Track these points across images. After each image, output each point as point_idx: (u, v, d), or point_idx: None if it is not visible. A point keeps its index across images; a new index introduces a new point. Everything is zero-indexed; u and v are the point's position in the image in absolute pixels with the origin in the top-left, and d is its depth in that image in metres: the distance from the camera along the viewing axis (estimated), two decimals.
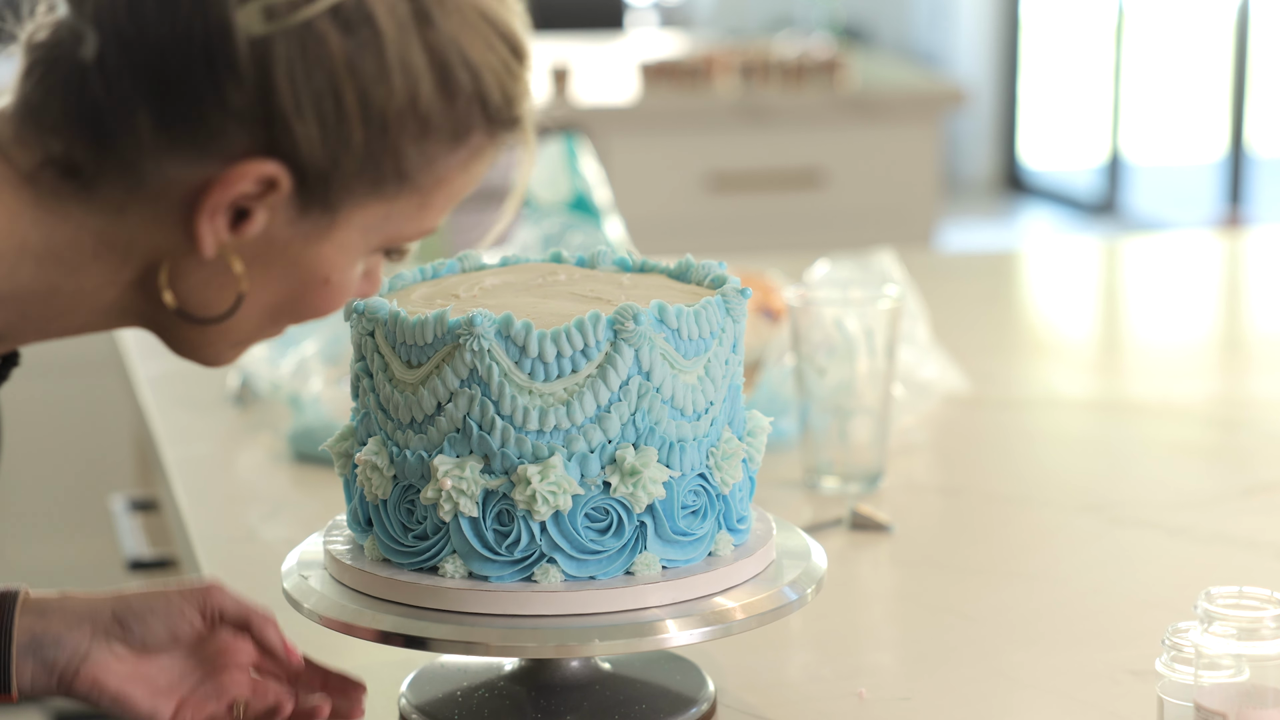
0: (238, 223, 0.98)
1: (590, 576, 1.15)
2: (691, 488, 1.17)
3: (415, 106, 0.98)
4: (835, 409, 1.70)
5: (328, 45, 0.95)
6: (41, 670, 1.14)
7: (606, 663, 1.26)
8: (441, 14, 0.98)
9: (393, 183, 1.00)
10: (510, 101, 1.02)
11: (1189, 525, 1.64)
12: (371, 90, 0.96)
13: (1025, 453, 1.92)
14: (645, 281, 1.25)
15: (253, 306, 1.03)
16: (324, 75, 0.95)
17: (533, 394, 1.13)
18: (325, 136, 0.96)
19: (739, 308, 1.19)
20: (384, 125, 0.97)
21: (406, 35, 0.96)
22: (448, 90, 0.98)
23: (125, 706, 1.15)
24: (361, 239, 1.02)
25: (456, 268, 1.29)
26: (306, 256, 1.01)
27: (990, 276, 2.78)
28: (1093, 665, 1.34)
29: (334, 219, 1.00)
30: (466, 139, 1.01)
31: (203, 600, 1.17)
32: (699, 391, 1.17)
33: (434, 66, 0.98)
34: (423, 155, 1.00)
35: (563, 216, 2.15)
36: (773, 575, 1.22)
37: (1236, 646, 1.17)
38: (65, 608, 1.15)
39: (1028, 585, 1.52)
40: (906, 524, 1.64)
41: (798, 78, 4.11)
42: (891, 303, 1.70)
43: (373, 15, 0.95)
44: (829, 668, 1.35)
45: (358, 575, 1.19)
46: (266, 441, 1.87)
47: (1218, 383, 2.17)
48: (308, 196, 0.98)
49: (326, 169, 0.97)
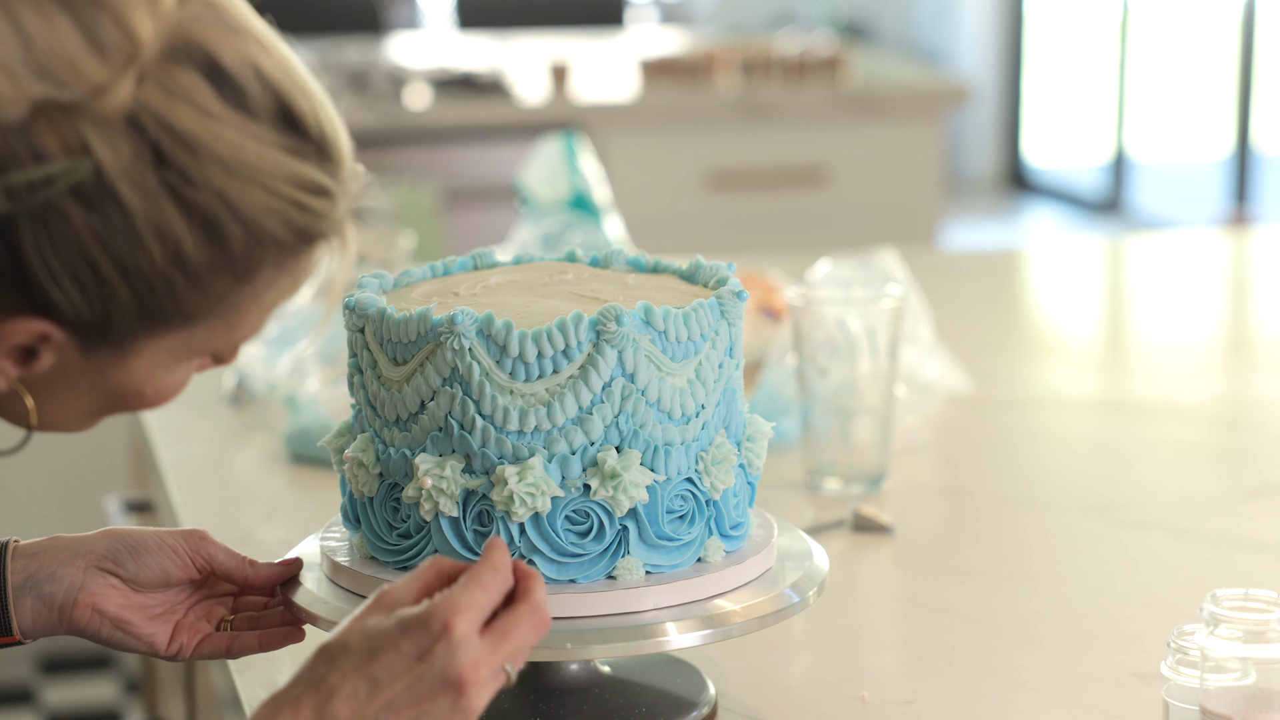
0: (27, 360, 0.98)
1: (571, 580, 1.15)
2: (678, 492, 1.17)
3: (181, 263, 0.96)
4: (837, 409, 1.70)
5: (71, 222, 0.93)
6: (41, 606, 1.16)
7: (606, 666, 1.26)
8: (201, 173, 0.95)
9: (180, 321, 0.98)
10: (303, 232, 0.99)
11: (1194, 527, 1.64)
12: (127, 257, 0.95)
13: (1029, 454, 1.92)
14: (653, 282, 1.24)
15: (70, 414, 1.03)
16: (73, 248, 0.94)
17: (514, 394, 1.14)
18: (88, 298, 0.95)
19: (735, 310, 1.19)
20: (149, 283, 0.96)
21: (156, 203, 0.94)
22: (217, 243, 0.96)
23: (125, 632, 1.18)
24: (170, 357, 1.01)
25: (469, 265, 1.29)
26: (110, 379, 1.01)
27: (994, 276, 2.78)
28: (1097, 668, 1.34)
29: (125, 352, 0.99)
30: (253, 276, 0.99)
31: (195, 546, 1.20)
32: (688, 395, 1.16)
33: (196, 225, 0.95)
34: (204, 297, 0.98)
35: (562, 215, 2.15)
36: (774, 577, 1.22)
37: (1242, 649, 1.17)
38: (57, 545, 1.18)
39: (1031, 587, 1.52)
40: (909, 525, 1.64)
41: (799, 75, 4.11)
42: (894, 302, 1.70)
43: (115, 191, 0.93)
44: (831, 670, 1.35)
45: (353, 576, 1.19)
46: (262, 442, 1.87)
47: (1223, 383, 2.17)
48: (88, 341, 0.97)
49: (99, 322, 0.96)
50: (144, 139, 0.94)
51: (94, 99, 0.92)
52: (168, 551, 1.19)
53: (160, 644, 1.19)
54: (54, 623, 1.17)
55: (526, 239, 2.15)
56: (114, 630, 1.18)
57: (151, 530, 1.21)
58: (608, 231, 2.15)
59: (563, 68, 4.04)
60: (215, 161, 0.95)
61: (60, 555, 1.18)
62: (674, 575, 1.17)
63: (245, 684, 1.32)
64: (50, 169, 0.92)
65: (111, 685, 3.58)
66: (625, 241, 2.19)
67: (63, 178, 0.92)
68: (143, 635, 1.18)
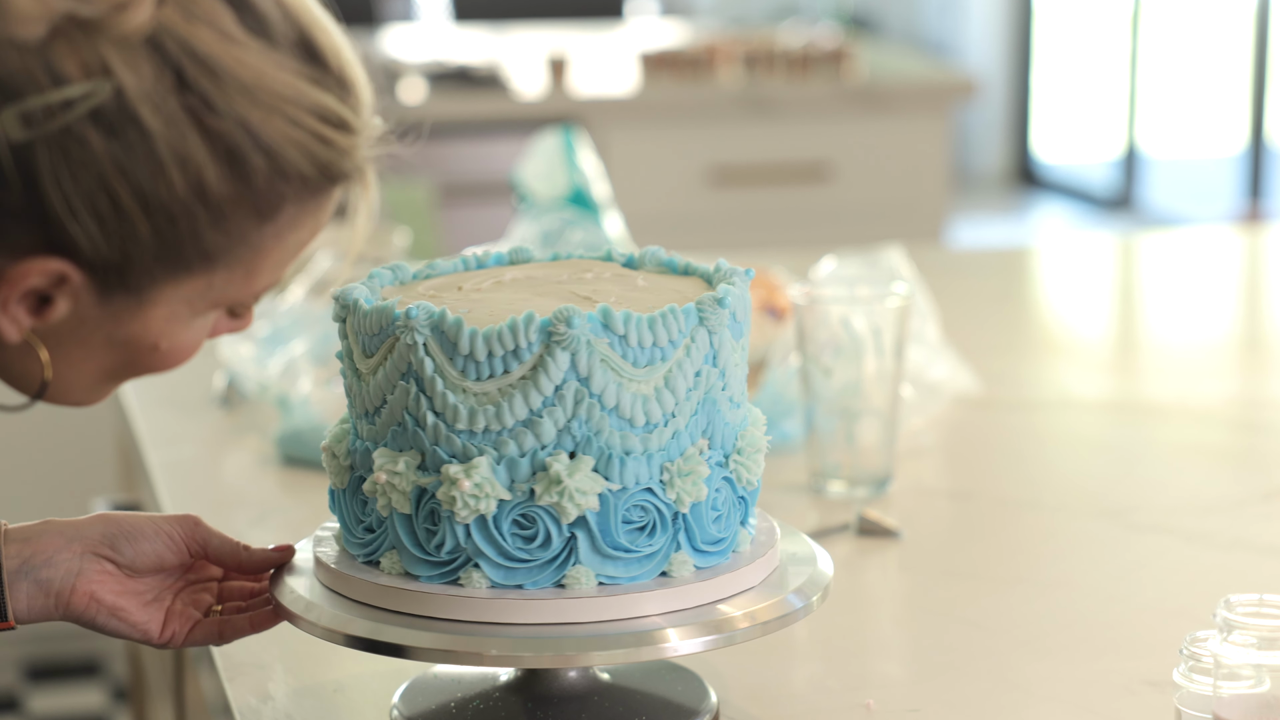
0: (41, 309, 0.98)
1: (518, 585, 1.15)
2: (637, 502, 1.15)
3: (203, 195, 0.96)
4: (842, 411, 1.70)
5: (91, 148, 0.93)
6: (37, 592, 1.17)
7: (605, 673, 1.26)
8: (223, 99, 0.95)
9: (200, 262, 0.98)
10: (326, 168, 0.99)
11: (1208, 531, 1.64)
12: (148, 187, 0.94)
13: (1038, 456, 1.92)
14: (670, 285, 1.23)
15: (83, 373, 1.03)
16: (92, 177, 0.93)
17: (465, 392, 1.14)
18: (106, 233, 0.95)
19: (715, 317, 1.17)
20: (170, 217, 0.95)
21: (179, 129, 0.94)
22: (239, 174, 0.96)
23: (120, 619, 1.19)
24: (186, 308, 1.01)
25: (504, 259, 1.30)
26: (125, 331, 1.00)
27: (1002, 273, 2.78)
28: (1108, 675, 1.34)
29: (143, 298, 0.99)
30: (275, 213, 0.99)
31: (189, 531, 1.22)
32: (653, 402, 1.15)
33: (218, 154, 0.95)
34: (225, 235, 0.98)
35: (560, 212, 2.15)
36: (777, 582, 1.21)
37: (1257, 656, 1.17)
38: (51, 530, 1.19)
39: (1041, 593, 1.52)
40: (915, 529, 1.64)
41: (803, 68, 4.11)
42: (900, 301, 1.70)
43: (137, 115, 0.93)
44: (835, 678, 1.35)
45: (334, 575, 1.19)
46: (254, 444, 1.87)
47: (1237, 383, 2.17)
48: (106, 285, 0.97)
49: (117, 261, 0.96)
50: (165, 61, 0.93)
51: (115, 15, 0.92)
52: (163, 537, 1.21)
53: (153, 632, 1.21)
54: (50, 609, 1.19)
55: (525, 236, 2.15)
56: (109, 618, 1.19)
57: (145, 515, 1.22)
58: (607, 229, 2.15)
59: (561, 61, 4.04)
60: (237, 87, 0.95)
61: (56, 540, 1.19)
62: (674, 580, 1.17)
63: (236, 691, 1.32)
64: (70, 92, 0.91)
65: (99, 693, 3.58)
66: (625, 238, 2.19)
67: (83, 101, 0.92)
68: (137, 623, 1.20)
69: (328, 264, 2.08)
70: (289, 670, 1.35)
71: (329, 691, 1.32)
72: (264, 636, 1.34)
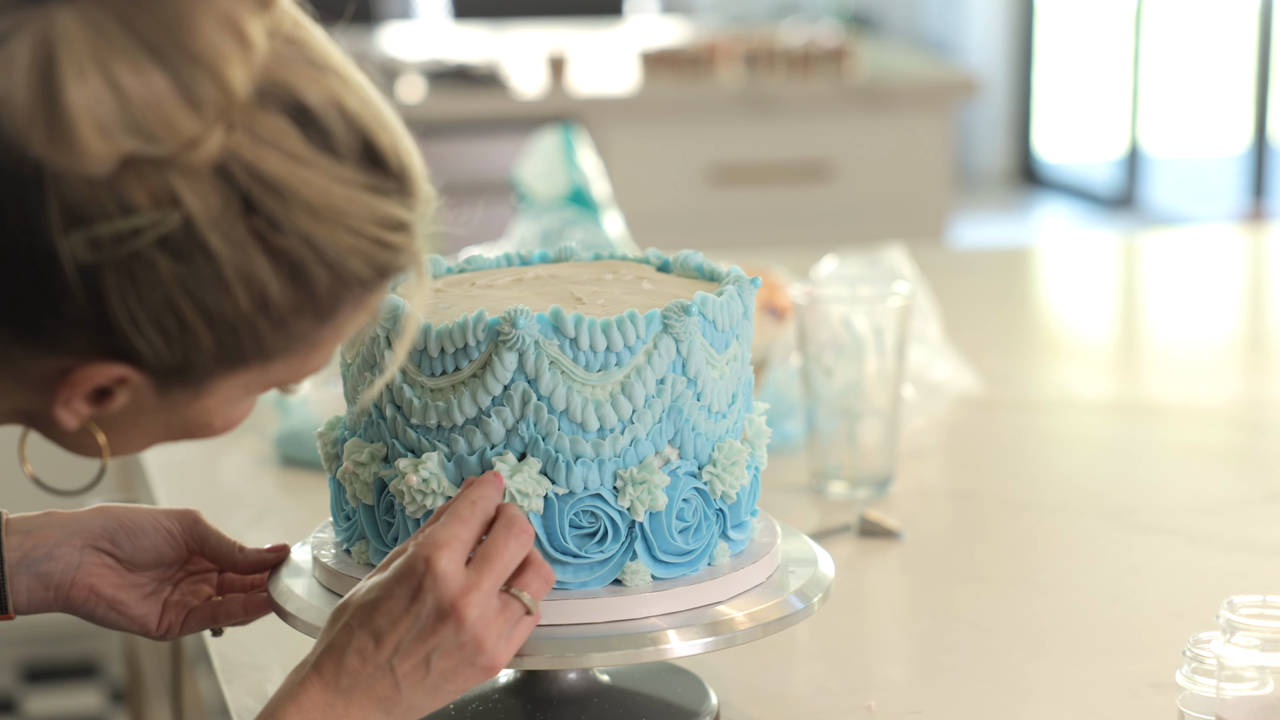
0: (100, 399, 0.99)
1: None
2: (585, 508, 1.15)
3: (265, 308, 0.97)
4: (843, 411, 1.70)
5: (158, 272, 0.93)
6: (38, 584, 1.20)
7: (605, 674, 1.26)
8: (289, 219, 0.95)
9: (258, 360, 0.99)
10: (384, 269, 1.00)
11: (1211, 532, 1.64)
12: (213, 305, 0.95)
13: (1040, 457, 1.92)
14: (678, 290, 1.23)
15: (136, 445, 1.05)
16: (158, 298, 0.94)
17: (420, 387, 1.16)
18: (170, 345, 0.96)
19: (680, 325, 1.15)
20: (233, 328, 0.97)
21: (244, 251, 0.95)
22: (303, 287, 0.97)
23: (119, 613, 1.22)
24: (243, 392, 1.02)
25: (548, 257, 1.30)
26: (181, 415, 1.02)
27: (1004, 273, 2.78)
28: (1111, 677, 1.34)
29: (201, 391, 1.00)
30: (334, 315, 1.00)
31: (188, 528, 1.25)
32: (608, 408, 1.14)
33: (282, 271, 0.96)
34: (286, 337, 0.99)
35: (560, 211, 2.15)
36: (778, 583, 1.21)
37: (1260, 658, 1.17)
38: (53, 523, 1.22)
39: (1043, 594, 1.52)
40: (917, 530, 1.64)
41: (804, 66, 4.11)
42: (901, 300, 1.70)
43: (205, 241, 0.94)
44: (836, 680, 1.35)
45: (330, 573, 1.20)
46: (251, 444, 1.87)
47: (1241, 384, 2.17)
48: (165, 383, 0.98)
49: (179, 366, 0.97)
50: (233, 188, 0.94)
51: (185, 152, 0.92)
52: (163, 532, 1.23)
53: (151, 625, 1.23)
54: (49, 601, 1.21)
55: (525, 236, 2.15)
56: (109, 611, 1.22)
57: (145, 509, 1.24)
58: (607, 228, 2.15)
59: (560, 59, 4.04)
60: (303, 207, 0.96)
61: (57, 533, 1.21)
62: (675, 581, 1.17)
63: (233, 693, 1.32)
64: (138, 221, 0.92)
65: (96, 694, 3.58)
66: (625, 238, 2.19)
67: (151, 229, 0.93)
68: (136, 616, 1.22)
69: None
70: (287, 671, 1.35)
71: None
72: (262, 638, 1.34)
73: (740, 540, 1.22)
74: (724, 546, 1.20)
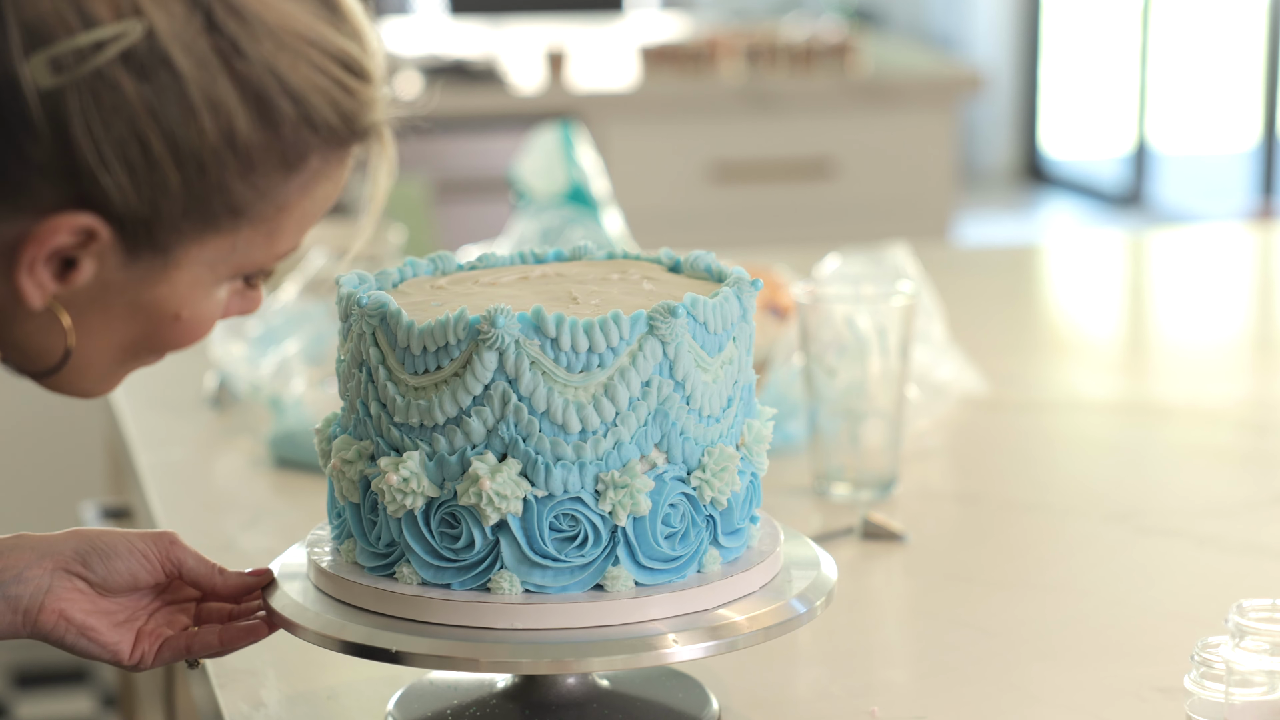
0: (65, 272, 0.98)
1: (446, 585, 1.16)
2: (565, 511, 1.15)
3: (233, 142, 0.96)
4: (846, 412, 1.70)
5: (123, 92, 0.93)
6: (5, 608, 1.17)
7: (605, 679, 1.26)
8: (251, 43, 0.96)
9: (227, 218, 0.99)
10: (349, 119, 1.00)
11: (1219, 534, 1.64)
12: (179, 132, 0.95)
13: (1046, 458, 1.92)
14: (684, 291, 1.23)
15: (102, 348, 1.03)
16: (124, 123, 0.94)
17: (404, 385, 1.16)
18: (137, 184, 0.95)
19: (667, 328, 1.15)
20: (200, 165, 0.96)
21: (210, 72, 0.95)
22: (268, 120, 0.97)
23: (90, 639, 1.18)
24: (209, 273, 1.01)
25: (563, 255, 1.31)
26: (149, 296, 1.01)
27: (1009, 272, 2.78)
28: (1118, 682, 1.34)
29: (169, 259, 0.99)
30: (301, 165, 1.00)
31: (165, 550, 1.21)
32: (590, 410, 1.14)
33: (248, 99, 0.96)
34: (253, 188, 0.99)
35: (559, 209, 2.15)
36: (780, 587, 1.22)
37: (1270, 662, 1.17)
38: (23, 545, 1.18)
39: (1049, 597, 1.52)
40: (921, 533, 1.64)
41: (806, 62, 4.11)
42: (905, 299, 1.70)
43: (169, 57, 0.94)
44: (839, 684, 1.35)
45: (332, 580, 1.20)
46: (246, 446, 1.87)
47: (1249, 384, 2.17)
48: (133, 242, 0.97)
49: (147, 215, 0.96)
50: (195, 2, 0.94)
51: None
52: (138, 556, 1.20)
53: (123, 653, 1.20)
54: (17, 626, 1.18)
55: (524, 234, 2.15)
56: (78, 637, 1.18)
57: (120, 532, 1.22)
58: (606, 226, 2.15)
59: (559, 55, 4.04)
60: (265, 31, 0.96)
61: (27, 555, 1.18)
62: (675, 584, 1.17)
63: (227, 698, 1.32)
64: (101, 34, 0.92)
65: (88, 699, 3.58)
66: (624, 236, 2.19)
67: (114, 42, 0.92)
68: (107, 644, 1.19)
69: (321, 262, 2.08)
70: (281, 676, 1.35)
71: (322, 698, 1.32)
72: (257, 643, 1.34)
73: (734, 548, 1.21)
74: (714, 554, 1.19)
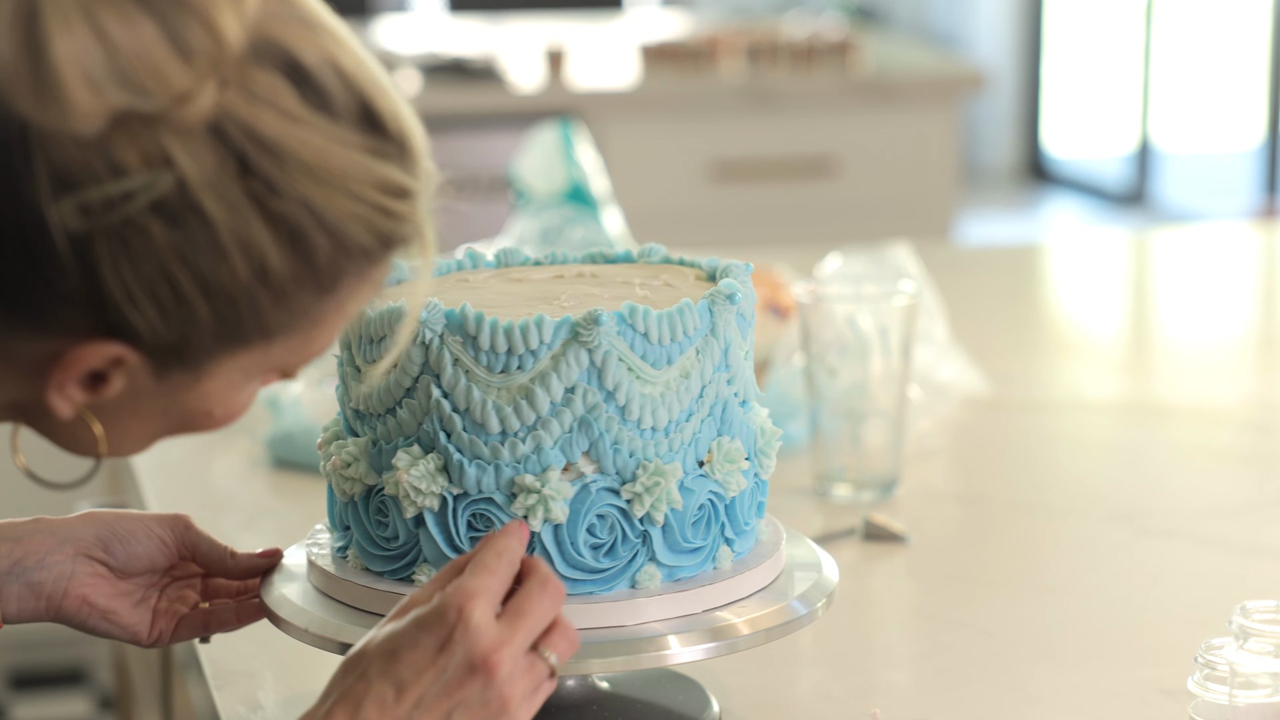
0: (95, 385, 0.97)
1: (381, 573, 1.18)
2: (479, 511, 1.15)
3: (265, 278, 0.95)
4: (848, 412, 1.70)
5: (151, 238, 0.92)
6: (29, 594, 1.20)
7: (605, 681, 1.26)
8: (286, 181, 0.94)
9: (258, 338, 0.98)
10: (387, 238, 0.99)
11: (1223, 535, 1.64)
12: (209, 273, 0.94)
13: (1049, 458, 1.92)
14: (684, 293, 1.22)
15: (135, 439, 1.03)
16: (153, 266, 0.92)
17: (358, 373, 1.19)
18: (166, 319, 0.94)
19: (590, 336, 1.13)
20: (231, 300, 0.95)
21: (241, 215, 0.93)
22: (302, 254, 0.95)
23: (111, 622, 1.22)
24: (243, 376, 1.01)
25: (579, 258, 1.31)
26: (180, 401, 1.00)
27: (1012, 271, 2.78)
28: (1121, 684, 1.34)
29: (200, 374, 0.99)
30: (336, 287, 0.99)
31: (180, 534, 1.24)
32: (509, 411, 1.14)
33: (281, 237, 0.95)
34: (287, 313, 0.97)
35: (558, 208, 2.15)
36: (781, 588, 1.22)
37: (1274, 664, 1.17)
38: (43, 530, 1.21)
39: (1051, 599, 1.52)
40: (923, 534, 1.64)
41: (808, 60, 4.11)
42: (907, 299, 1.70)
43: (199, 205, 0.92)
44: (841, 686, 1.35)
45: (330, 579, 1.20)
46: (243, 446, 1.88)
47: (1253, 384, 2.17)
48: (163, 364, 0.97)
49: (176, 343, 0.96)
50: (228, 148, 0.92)
51: (177, 107, 0.91)
52: (155, 540, 1.23)
53: (143, 633, 1.23)
54: (40, 611, 1.21)
55: (524, 233, 2.15)
56: (100, 620, 1.22)
57: (136, 515, 1.24)
58: (606, 225, 2.15)
59: (559, 53, 4.04)
60: (301, 168, 0.94)
61: (47, 541, 1.21)
62: (674, 585, 1.17)
63: (224, 700, 1.32)
64: (130, 184, 0.90)
65: (84, 701, 3.58)
66: (624, 236, 2.19)
67: (143, 192, 0.91)
68: (128, 625, 1.23)
69: None
70: (279, 678, 1.35)
71: None
72: (253, 644, 1.34)
73: (677, 567, 1.18)
74: (651, 569, 1.17)
